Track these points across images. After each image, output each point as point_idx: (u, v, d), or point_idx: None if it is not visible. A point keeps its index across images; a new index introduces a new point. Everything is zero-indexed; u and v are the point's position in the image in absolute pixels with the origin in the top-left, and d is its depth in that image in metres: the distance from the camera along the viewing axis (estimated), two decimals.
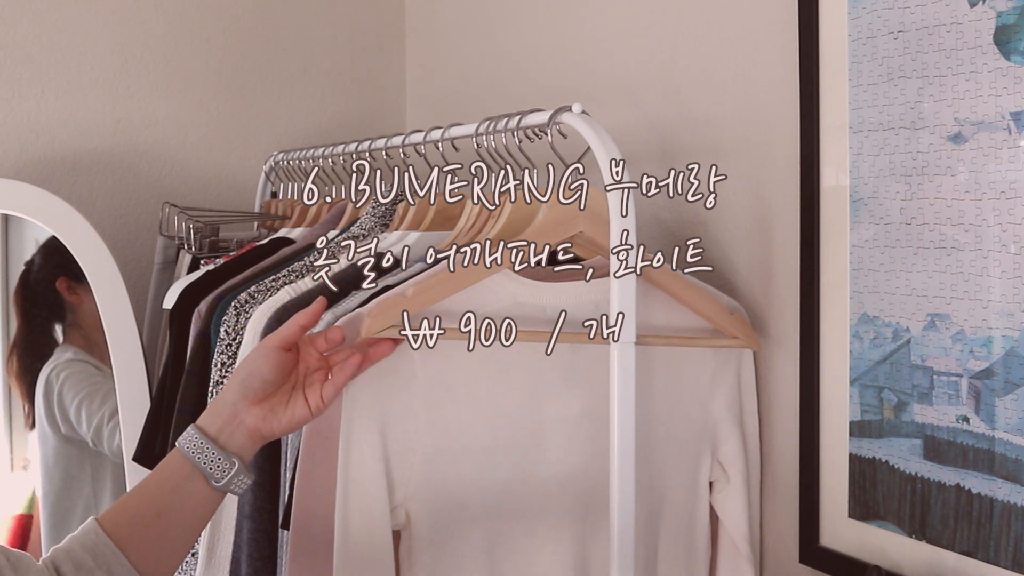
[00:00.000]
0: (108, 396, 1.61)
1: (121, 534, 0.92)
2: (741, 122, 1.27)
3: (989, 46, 0.96)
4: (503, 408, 1.08)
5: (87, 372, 1.67)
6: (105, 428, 1.61)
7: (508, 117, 1.16)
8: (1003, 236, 0.96)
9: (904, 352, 1.06)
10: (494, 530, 1.09)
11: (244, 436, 0.97)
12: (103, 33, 1.82)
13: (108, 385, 1.60)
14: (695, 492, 1.20)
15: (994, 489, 0.98)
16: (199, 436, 0.95)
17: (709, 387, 1.19)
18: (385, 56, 2.10)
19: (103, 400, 1.62)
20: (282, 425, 0.98)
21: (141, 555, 0.92)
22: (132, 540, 0.92)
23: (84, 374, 1.67)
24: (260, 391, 0.97)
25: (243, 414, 0.96)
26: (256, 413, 0.97)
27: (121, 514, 0.94)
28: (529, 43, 1.70)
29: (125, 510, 0.95)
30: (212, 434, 0.96)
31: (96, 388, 1.64)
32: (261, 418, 0.97)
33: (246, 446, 0.97)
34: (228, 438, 0.96)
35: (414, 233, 1.27)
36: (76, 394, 1.64)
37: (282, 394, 0.99)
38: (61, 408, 1.64)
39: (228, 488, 0.96)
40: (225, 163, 1.94)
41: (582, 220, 1.08)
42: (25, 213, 1.59)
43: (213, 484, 0.95)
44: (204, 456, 0.95)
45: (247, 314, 1.24)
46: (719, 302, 1.17)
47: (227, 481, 0.95)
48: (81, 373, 1.66)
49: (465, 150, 1.29)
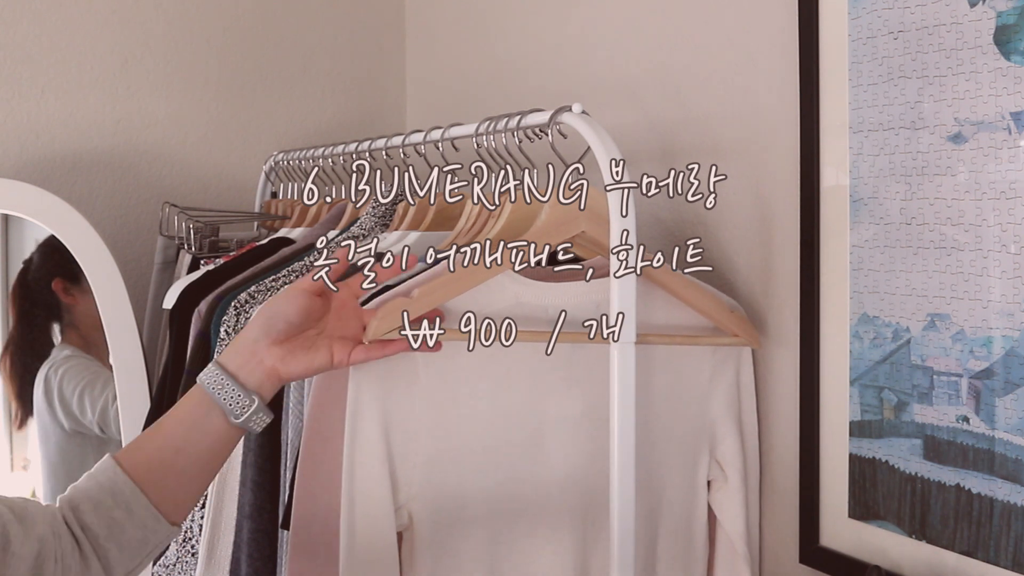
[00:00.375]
0: (108, 382, 1.61)
1: (140, 472, 0.91)
2: (741, 122, 1.27)
3: (989, 46, 0.96)
4: (504, 408, 1.08)
5: (84, 364, 1.67)
6: (111, 409, 1.61)
7: (508, 117, 1.16)
8: (1003, 236, 0.96)
9: (904, 352, 1.06)
10: (495, 530, 1.09)
11: (263, 374, 0.96)
12: (103, 33, 1.82)
13: (107, 374, 1.60)
14: (693, 491, 1.20)
15: (994, 489, 0.98)
16: (219, 372, 0.95)
17: (708, 386, 1.19)
18: (385, 56, 2.10)
19: (104, 385, 1.63)
20: (299, 368, 0.97)
21: (160, 493, 0.91)
22: (151, 478, 0.91)
23: (81, 366, 1.67)
24: (284, 332, 0.96)
25: (263, 352, 0.95)
26: (276, 353, 0.96)
27: (139, 452, 0.93)
28: (529, 43, 1.70)
29: (143, 448, 0.94)
30: (232, 370, 0.95)
31: (95, 376, 1.65)
32: (280, 359, 0.96)
33: (265, 385, 0.96)
34: (248, 375, 0.95)
35: (414, 233, 1.27)
36: (76, 385, 1.64)
37: (305, 338, 0.97)
38: (62, 402, 1.64)
39: (247, 425, 0.95)
40: (225, 163, 1.94)
41: (583, 220, 1.08)
42: (25, 213, 1.59)
43: (232, 420, 0.94)
44: (224, 392, 0.94)
45: (247, 314, 1.24)
46: (720, 300, 1.17)
47: (246, 418, 0.94)
48: (79, 366, 1.67)
49: (465, 150, 1.29)
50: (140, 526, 0.90)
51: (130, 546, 0.90)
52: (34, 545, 0.84)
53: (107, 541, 0.89)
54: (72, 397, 1.64)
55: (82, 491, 0.90)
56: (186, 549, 1.29)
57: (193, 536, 1.29)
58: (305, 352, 0.97)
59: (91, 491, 0.89)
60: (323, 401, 1.04)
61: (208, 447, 0.95)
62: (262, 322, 0.96)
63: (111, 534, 0.89)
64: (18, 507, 0.86)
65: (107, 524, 0.89)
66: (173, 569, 1.30)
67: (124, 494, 0.90)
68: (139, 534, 0.90)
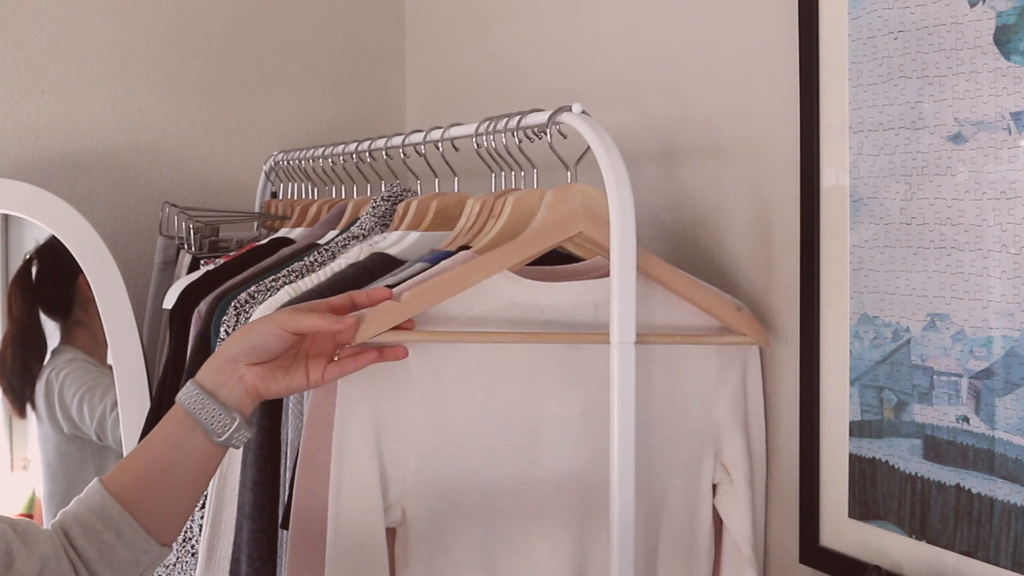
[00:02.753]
0: (108, 389, 1.61)
1: (127, 495, 0.92)
2: (741, 122, 1.27)
3: (989, 46, 0.96)
4: (499, 407, 1.08)
5: (85, 369, 1.67)
6: (108, 418, 1.62)
7: (508, 117, 1.16)
8: (1003, 236, 0.96)
9: (904, 352, 1.06)
10: (490, 529, 1.09)
11: (243, 392, 0.96)
12: (103, 33, 1.82)
13: (108, 379, 1.61)
14: (697, 494, 1.20)
15: (994, 489, 0.98)
16: (199, 391, 0.95)
17: (713, 388, 1.19)
18: (385, 56, 2.10)
19: (104, 392, 1.63)
20: (279, 388, 0.98)
21: (148, 514, 0.92)
22: (139, 500, 0.92)
23: (83, 371, 1.67)
24: (264, 359, 0.97)
25: (243, 371, 0.96)
26: (256, 372, 0.96)
27: (126, 474, 0.94)
28: (529, 43, 1.70)
29: (129, 470, 0.94)
30: (211, 389, 0.95)
31: (96, 382, 1.65)
32: (260, 378, 0.96)
33: (245, 402, 0.96)
34: (228, 393, 0.95)
35: (414, 233, 1.27)
36: (76, 390, 1.65)
37: (284, 358, 0.98)
38: (63, 406, 1.64)
39: (229, 443, 0.95)
40: (225, 163, 1.94)
41: (582, 220, 1.08)
42: (25, 213, 1.59)
43: (214, 439, 0.94)
44: (205, 411, 0.94)
45: (247, 314, 1.24)
46: (726, 300, 1.17)
47: (228, 436, 0.95)
48: (80, 370, 1.67)
49: (465, 150, 1.29)
50: (130, 548, 0.91)
51: (122, 567, 0.91)
52: (37, 563, 0.85)
53: (99, 564, 0.90)
54: (72, 402, 1.64)
55: (72, 516, 0.91)
56: (186, 549, 1.29)
57: (193, 536, 1.29)
58: (284, 372, 0.98)
59: (81, 515, 0.90)
60: (322, 401, 1.04)
61: (193, 466, 0.95)
62: (246, 347, 0.97)
63: (102, 557, 0.90)
64: (21, 526, 0.87)
65: (98, 547, 0.90)
66: (173, 569, 1.30)
67: (113, 517, 0.90)
68: (130, 556, 0.91)
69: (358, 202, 1.49)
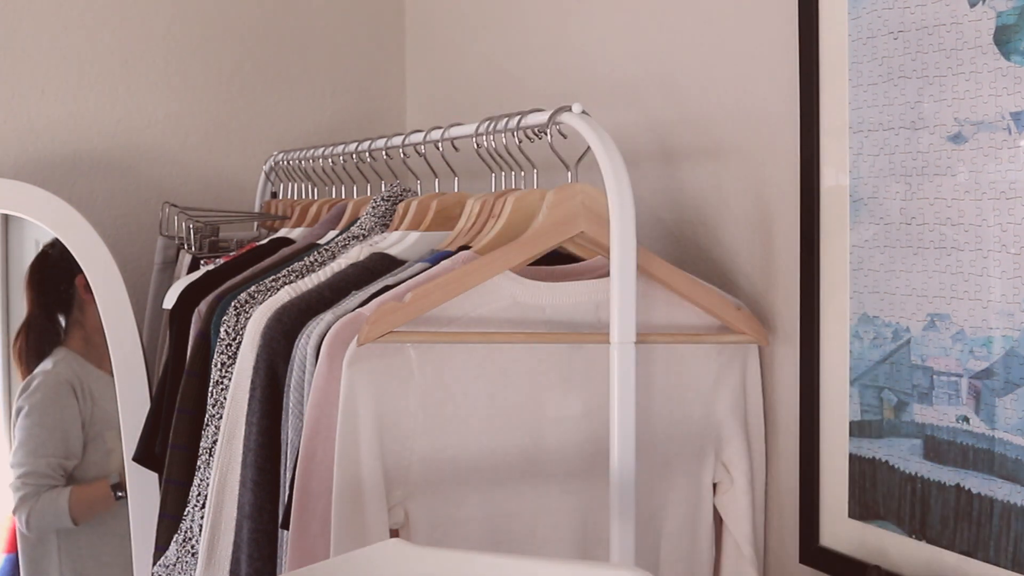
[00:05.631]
0: (46, 444, 1.59)
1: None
2: (741, 122, 1.27)
3: (989, 46, 0.96)
4: (501, 408, 1.08)
5: (45, 405, 1.64)
6: (15, 493, 1.59)
7: (508, 117, 1.16)
8: (1003, 236, 0.96)
9: (904, 352, 1.06)
10: (492, 529, 1.09)
11: None
12: (103, 33, 1.82)
13: (63, 424, 1.60)
14: (698, 494, 1.20)
15: (994, 489, 0.98)
16: None
17: (713, 387, 1.19)
18: (385, 56, 2.10)
19: (36, 450, 1.60)
20: None
21: None
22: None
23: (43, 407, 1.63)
24: None
25: None
26: None
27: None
28: (529, 43, 1.70)
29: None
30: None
31: (45, 432, 1.62)
32: None
33: None
34: None
35: (414, 233, 1.27)
36: (24, 436, 1.62)
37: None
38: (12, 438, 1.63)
39: None
40: (225, 163, 1.94)
41: (583, 220, 1.08)
42: (25, 213, 1.59)
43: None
44: None
45: (247, 314, 1.24)
46: (726, 299, 1.17)
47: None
48: (41, 405, 1.63)
49: (465, 150, 1.29)
50: None
51: None
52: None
53: None
54: (16, 445, 1.63)
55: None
56: (186, 549, 1.29)
57: (193, 536, 1.29)
58: None
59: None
60: (322, 401, 1.04)
61: None
62: None
63: None
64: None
65: None
66: (173, 569, 1.30)
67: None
68: None
69: (358, 202, 1.49)
